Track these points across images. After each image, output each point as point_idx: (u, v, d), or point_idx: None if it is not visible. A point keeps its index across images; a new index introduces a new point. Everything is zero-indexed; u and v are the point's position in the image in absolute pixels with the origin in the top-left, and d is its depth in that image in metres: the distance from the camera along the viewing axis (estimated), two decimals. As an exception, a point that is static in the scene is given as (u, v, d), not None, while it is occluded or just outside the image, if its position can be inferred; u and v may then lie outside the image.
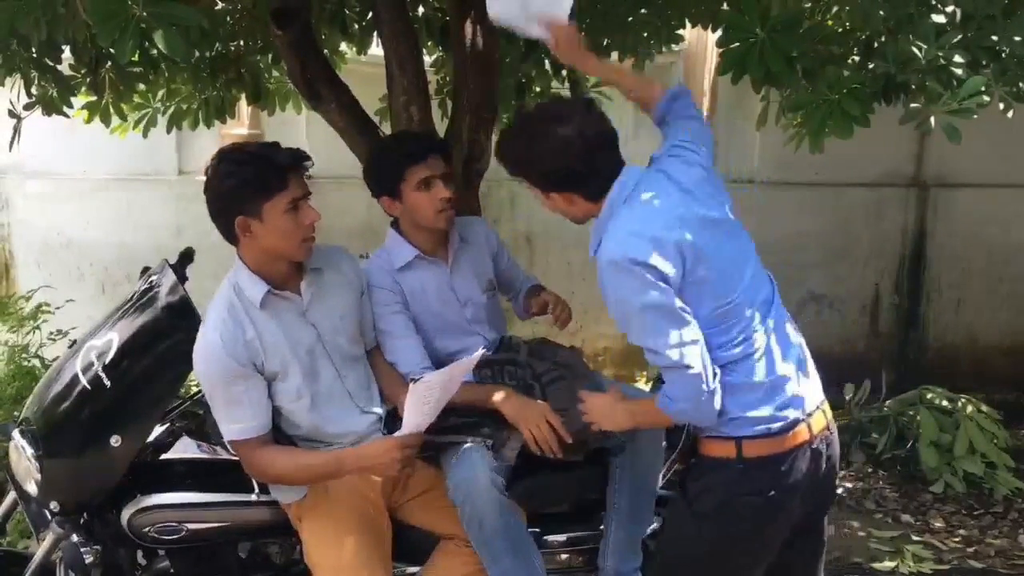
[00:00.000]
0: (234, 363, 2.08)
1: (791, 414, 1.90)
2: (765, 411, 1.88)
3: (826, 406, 2.02)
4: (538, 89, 4.30)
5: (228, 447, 2.18)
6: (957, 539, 3.99)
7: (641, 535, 2.42)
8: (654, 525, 2.50)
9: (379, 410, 2.39)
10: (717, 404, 1.84)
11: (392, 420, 2.41)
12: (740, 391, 1.88)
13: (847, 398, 4.99)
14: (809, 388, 1.97)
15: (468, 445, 2.25)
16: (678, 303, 1.81)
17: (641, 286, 1.79)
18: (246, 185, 2.06)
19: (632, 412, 2.03)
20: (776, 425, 1.89)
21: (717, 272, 1.86)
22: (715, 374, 1.83)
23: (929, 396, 4.78)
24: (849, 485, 4.56)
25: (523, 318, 2.79)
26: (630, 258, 1.80)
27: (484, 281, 2.56)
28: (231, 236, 2.13)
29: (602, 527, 2.43)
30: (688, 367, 1.79)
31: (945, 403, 4.72)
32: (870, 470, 4.72)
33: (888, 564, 3.70)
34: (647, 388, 2.74)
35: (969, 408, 4.65)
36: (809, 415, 1.94)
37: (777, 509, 1.92)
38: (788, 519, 1.96)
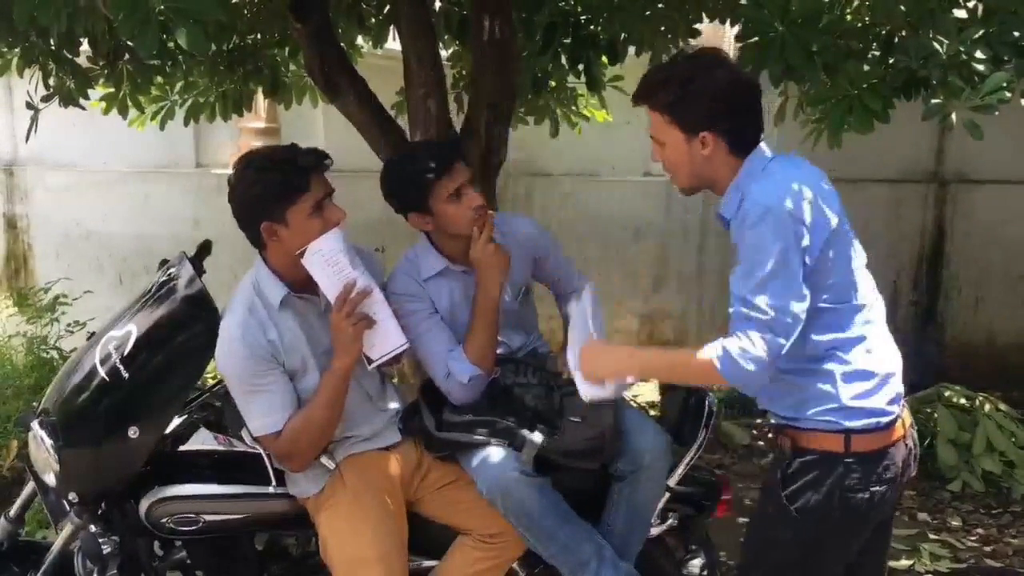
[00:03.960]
0: (257, 359, 2.10)
1: (895, 409, 1.90)
2: (876, 403, 1.86)
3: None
4: (554, 83, 4.30)
5: (246, 439, 2.19)
6: (975, 538, 3.97)
7: (632, 555, 2.35)
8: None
9: (395, 405, 2.41)
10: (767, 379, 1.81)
11: (408, 416, 2.42)
12: (854, 377, 1.85)
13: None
14: (902, 385, 1.96)
15: (489, 447, 2.24)
16: (805, 269, 1.78)
17: (785, 237, 1.76)
18: (270, 192, 2.08)
19: (644, 362, 2.00)
20: (884, 420, 1.87)
21: (843, 253, 1.85)
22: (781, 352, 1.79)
23: (947, 394, 4.75)
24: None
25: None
26: (784, 206, 1.77)
27: (515, 287, 2.45)
28: (257, 241, 2.15)
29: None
30: (778, 333, 1.75)
31: (963, 401, 4.69)
32: (887, 468, 4.69)
33: (905, 562, 3.67)
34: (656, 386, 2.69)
35: (987, 406, 4.62)
36: (904, 409, 1.94)
37: (878, 504, 1.89)
38: (882, 513, 1.95)
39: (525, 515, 2.19)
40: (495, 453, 2.22)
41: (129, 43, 3.14)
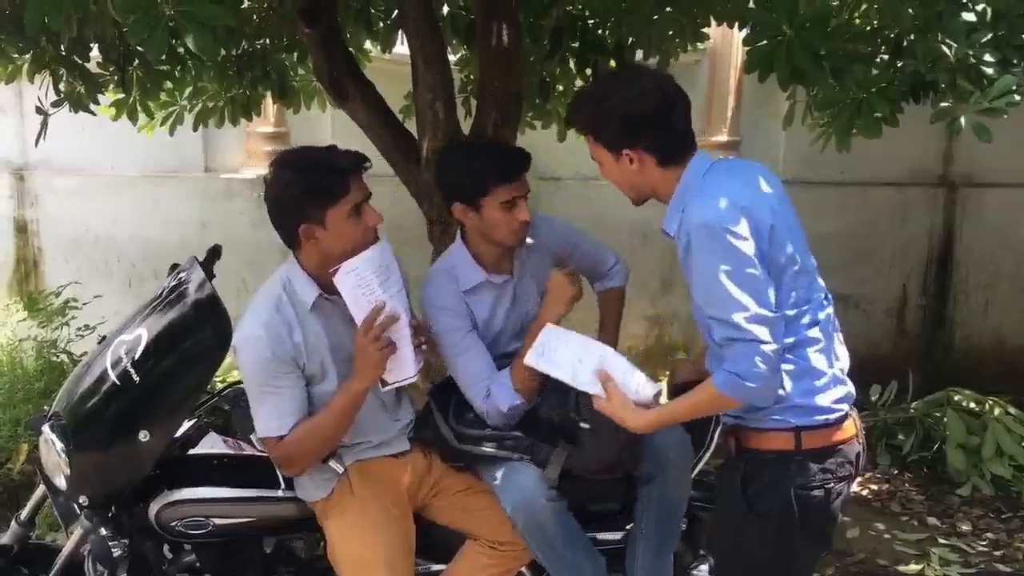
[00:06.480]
0: (278, 361, 2.09)
1: (844, 407, 1.91)
2: (825, 400, 1.87)
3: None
4: (561, 88, 4.30)
5: (255, 443, 2.20)
6: (984, 542, 3.95)
7: (669, 554, 2.38)
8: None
9: (409, 416, 2.41)
10: (779, 385, 1.81)
11: (421, 425, 2.42)
12: (804, 376, 1.85)
13: (873, 399, 4.95)
14: (852, 385, 1.97)
15: (512, 462, 2.24)
16: (763, 274, 1.77)
17: (730, 252, 1.75)
18: (308, 193, 2.06)
19: (665, 418, 1.97)
20: (833, 416, 1.88)
21: (778, 260, 1.83)
22: (782, 354, 1.79)
23: (956, 398, 4.74)
24: (875, 487, 4.53)
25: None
26: (721, 224, 1.75)
27: (540, 287, 2.42)
28: (293, 242, 2.14)
29: (624, 533, 2.41)
30: (765, 341, 1.73)
31: (972, 405, 4.67)
32: (896, 472, 4.68)
33: (914, 567, 3.66)
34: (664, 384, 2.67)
35: (997, 410, 4.60)
36: (852, 411, 1.95)
37: (836, 500, 1.90)
38: (839, 510, 1.94)
39: (541, 535, 2.21)
40: (521, 471, 2.23)
41: (139, 48, 3.17)
